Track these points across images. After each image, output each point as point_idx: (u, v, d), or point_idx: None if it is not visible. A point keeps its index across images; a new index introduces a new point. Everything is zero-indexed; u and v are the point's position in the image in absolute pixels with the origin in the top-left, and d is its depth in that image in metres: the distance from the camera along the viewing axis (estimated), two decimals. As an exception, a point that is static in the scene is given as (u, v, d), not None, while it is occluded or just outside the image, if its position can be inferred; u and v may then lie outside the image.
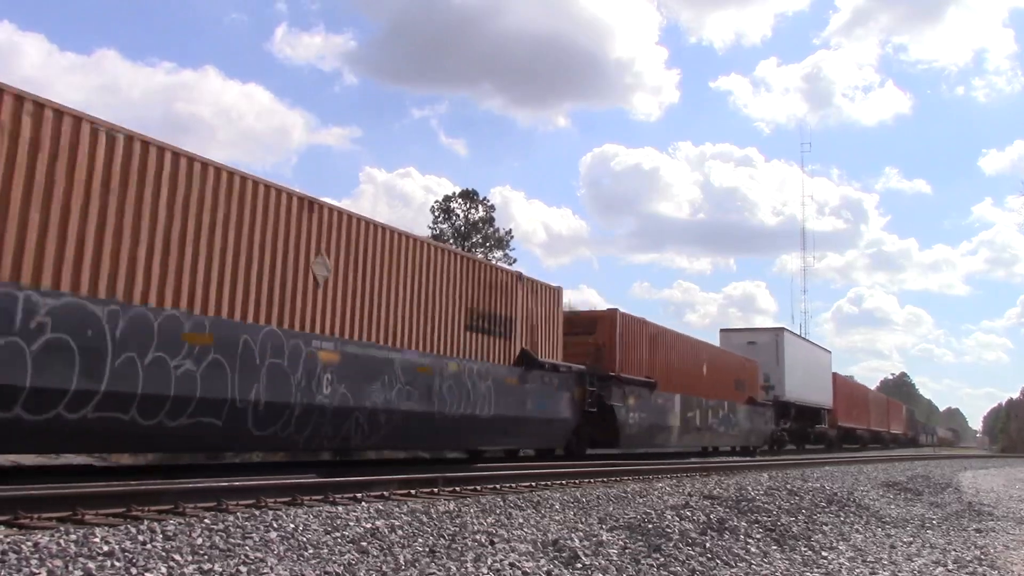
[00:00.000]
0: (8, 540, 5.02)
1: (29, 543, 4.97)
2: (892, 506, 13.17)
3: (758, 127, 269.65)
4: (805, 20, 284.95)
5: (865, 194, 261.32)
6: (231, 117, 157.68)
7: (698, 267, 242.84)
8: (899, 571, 7.79)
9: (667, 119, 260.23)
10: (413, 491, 9.91)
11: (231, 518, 6.46)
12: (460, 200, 57.36)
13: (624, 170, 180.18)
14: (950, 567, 8.15)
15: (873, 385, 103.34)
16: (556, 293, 19.49)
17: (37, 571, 4.58)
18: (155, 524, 5.91)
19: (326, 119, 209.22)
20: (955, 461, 37.74)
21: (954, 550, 9.20)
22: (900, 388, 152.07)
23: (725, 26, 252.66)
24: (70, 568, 4.69)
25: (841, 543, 9.13)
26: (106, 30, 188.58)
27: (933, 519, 11.97)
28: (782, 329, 39.47)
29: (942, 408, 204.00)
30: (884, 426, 67.85)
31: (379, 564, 5.67)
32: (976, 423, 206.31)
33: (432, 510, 7.71)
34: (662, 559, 6.96)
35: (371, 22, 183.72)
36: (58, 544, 5.04)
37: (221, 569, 5.04)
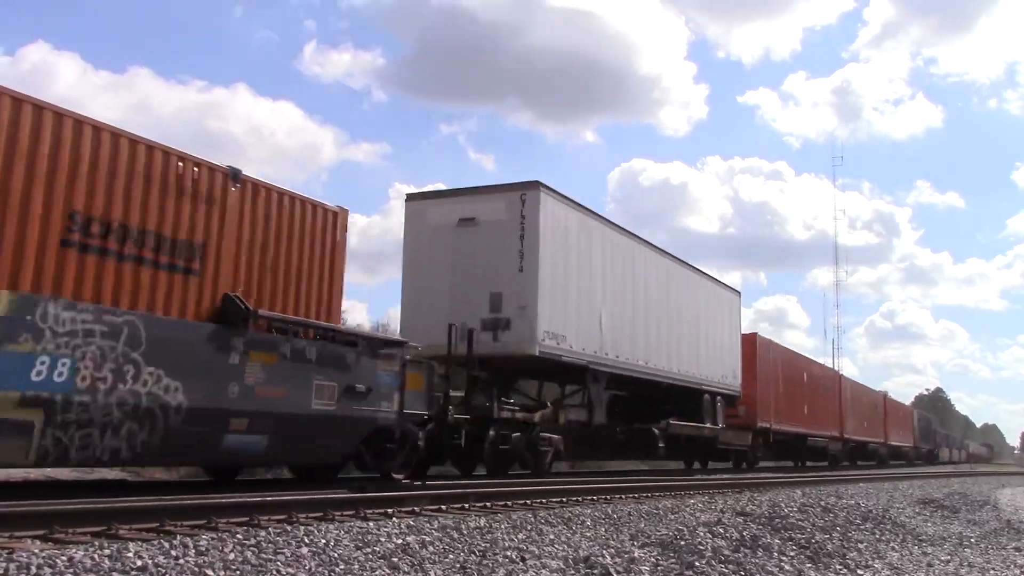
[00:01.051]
0: (43, 555, 5.06)
1: (64, 557, 5.01)
2: (928, 524, 12.97)
3: (787, 141, 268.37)
4: (834, 34, 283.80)
5: (897, 208, 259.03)
6: (263, 134, 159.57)
7: (729, 281, 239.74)
8: (937, 590, 7.68)
9: (695, 134, 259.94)
10: (444, 507, 9.89)
11: (263, 533, 6.49)
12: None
13: (653, 185, 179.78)
14: (989, 586, 8.02)
15: (908, 400, 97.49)
16: None
17: (72, 586, 4.62)
18: (188, 539, 5.94)
19: (356, 136, 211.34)
20: (992, 478, 37.12)
21: (993, 569, 9.05)
22: (935, 404, 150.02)
23: (753, 40, 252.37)
24: (104, 583, 4.72)
25: (877, 561, 9.00)
26: (138, 48, 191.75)
27: (971, 537, 11.77)
28: (535, 185, 16.79)
29: (979, 424, 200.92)
30: (876, 435, 48.12)
31: (410, 580, 5.66)
32: (1014, 439, 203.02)
33: (463, 526, 7.69)
34: (695, 576, 6.89)
35: (399, 40, 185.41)
36: (92, 559, 5.08)
37: (253, 584, 5.05)
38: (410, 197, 17.85)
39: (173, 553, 5.45)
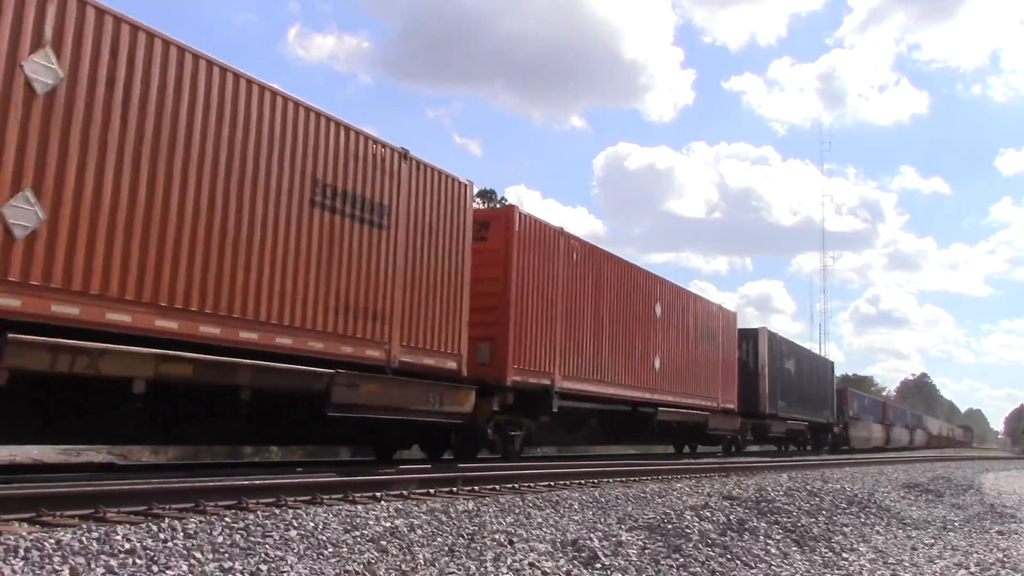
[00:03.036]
0: (31, 538, 5.06)
1: (52, 540, 5.01)
2: (913, 508, 13.07)
3: (773, 127, 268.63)
4: (819, 20, 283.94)
5: (882, 193, 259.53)
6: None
7: (714, 267, 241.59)
8: (921, 573, 7.74)
9: (681, 119, 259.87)
10: (432, 490, 9.92)
11: (251, 516, 6.49)
12: (478, 200, 57.49)
13: (638, 169, 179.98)
14: (972, 569, 8.09)
15: (893, 386, 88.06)
16: None
17: (60, 569, 4.62)
18: (176, 522, 5.95)
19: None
20: (976, 463, 37.43)
21: (976, 552, 9.13)
22: (921, 389, 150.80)
23: (739, 26, 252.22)
24: (92, 566, 4.72)
25: (862, 544, 9.07)
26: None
27: (955, 521, 11.87)
28: None
29: (963, 409, 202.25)
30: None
31: (398, 563, 5.68)
32: (997, 424, 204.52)
33: (451, 509, 7.72)
34: (682, 559, 6.93)
35: (384, 23, 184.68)
36: (80, 542, 5.07)
37: (242, 567, 5.06)
38: None
39: (161, 536, 5.45)
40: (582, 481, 12.55)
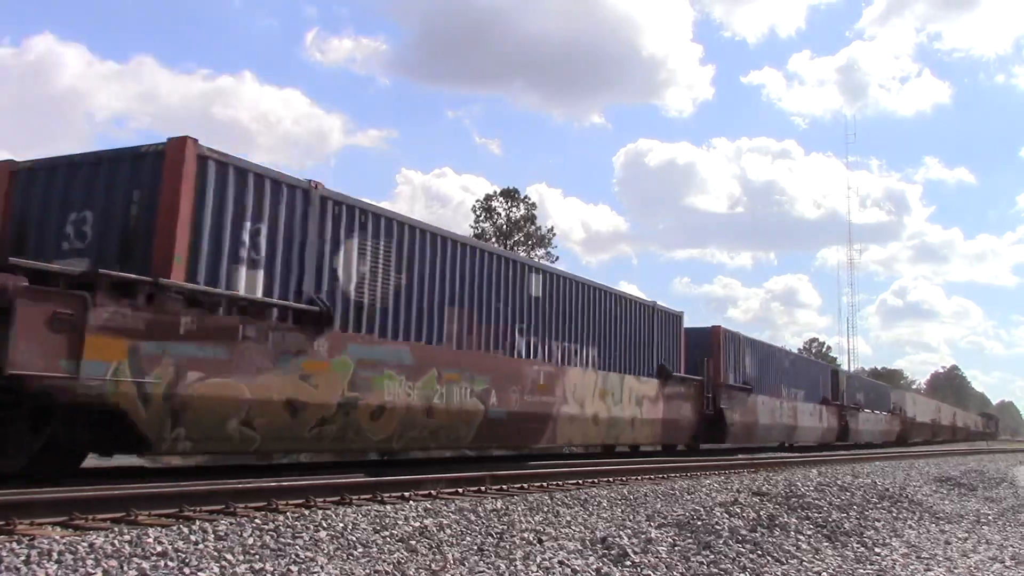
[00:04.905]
0: (64, 541, 5.10)
1: (84, 544, 5.05)
2: (946, 501, 12.94)
3: (794, 121, 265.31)
4: (838, 12, 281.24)
5: (907, 185, 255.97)
6: (270, 121, 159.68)
7: (739, 262, 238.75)
8: (955, 567, 7.65)
9: (700, 114, 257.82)
10: (460, 490, 9.93)
11: (281, 518, 6.52)
12: (501, 199, 57.41)
13: (659, 165, 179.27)
14: (1007, 563, 8.00)
15: (923, 379, 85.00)
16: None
17: (93, 571, 4.65)
18: (207, 524, 5.98)
19: (362, 122, 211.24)
20: (1009, 455, 36.99)
21: (1011, 546, 9.03)
22: (952, 382, 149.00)
23: (758, 20, 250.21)
24: (124, 568, 4.75)
25: (894, 539, 8.99)
26: (141, 37, 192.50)
27: (988, 514, 11.74)
28: None
29: (995, 401, 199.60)
30: None
31: (428, 562, 5.68)
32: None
33: (480, 508, 7.71)
34: (712, 556, 6.89)
35: (401, 25, 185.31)
36: (112, 545, 5.11)
37: (272, 568, 5.08)
38: None
39: (192, 538, 5.48)
40: (610, 479, 12.53)
